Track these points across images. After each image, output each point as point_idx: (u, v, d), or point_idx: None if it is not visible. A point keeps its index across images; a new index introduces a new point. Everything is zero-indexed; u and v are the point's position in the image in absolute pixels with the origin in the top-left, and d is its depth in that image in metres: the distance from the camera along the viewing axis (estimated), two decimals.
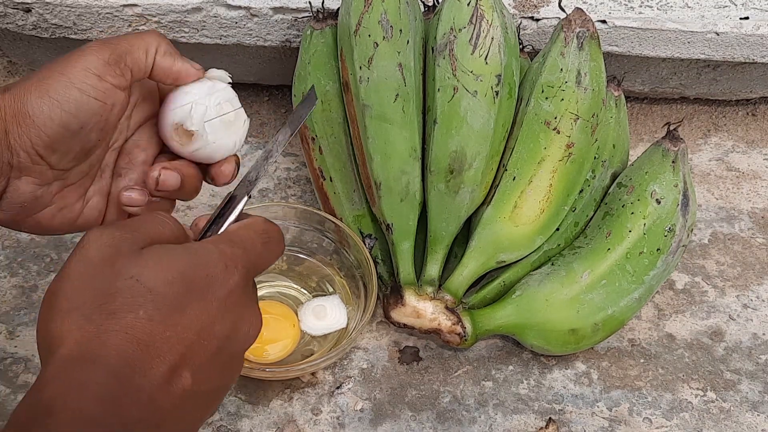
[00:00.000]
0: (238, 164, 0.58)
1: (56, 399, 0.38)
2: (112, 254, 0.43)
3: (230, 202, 0.51)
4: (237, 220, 0.51)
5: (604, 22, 0.78)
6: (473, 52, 0.67)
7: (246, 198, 0.52)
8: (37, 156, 0.50)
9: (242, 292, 0.45)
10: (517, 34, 0.73)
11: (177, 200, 0.58)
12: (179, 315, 0.42)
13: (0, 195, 0.51)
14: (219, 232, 0.49)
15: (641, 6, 0.79)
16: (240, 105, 0.56)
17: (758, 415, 0.69)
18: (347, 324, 0.70)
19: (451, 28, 0.67)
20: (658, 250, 0.69)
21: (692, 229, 0.71)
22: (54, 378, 0.39)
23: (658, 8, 0.79)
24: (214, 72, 0.56)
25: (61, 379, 0.39)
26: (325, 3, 0.75)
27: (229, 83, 0.56)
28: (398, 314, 0.68)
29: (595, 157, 0.72)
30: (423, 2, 0.76)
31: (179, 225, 0.47)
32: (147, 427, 0.40)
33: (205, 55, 0.80)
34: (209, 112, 0.54)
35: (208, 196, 0.81)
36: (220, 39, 0.78)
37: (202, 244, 0.46)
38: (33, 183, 0.51)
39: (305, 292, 0.73)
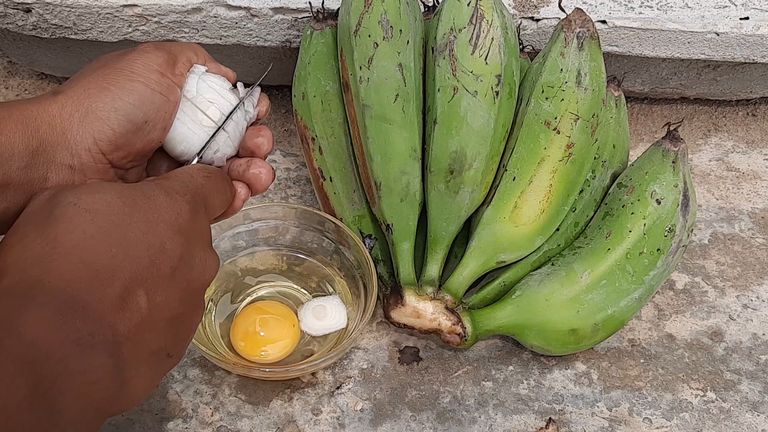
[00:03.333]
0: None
1: None
2: (54, 193, 0.42)
3: None
4: None
5: (604, 22, 0.78)
6: (473, 52, 0.67)
7: (196, 158, 0.54)
8: (99, 154, 0.50)
9: (190, 219, 0.44)
10: (517, 35, 0.73)
11: None
12: (123, 232, 0.41)
13: None
14: None
15: (641, 6, 0.79)
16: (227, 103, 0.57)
17: (758, 415, 0.69)
18: (347, 324, 0.70)
19: (451, 29, 0.67)
20: (658, 250, 0.69)
21: (692, 230, 0.71)
22: None
23: (658, 8, 0.79)
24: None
25: (2, 308, 0.37)
26: (325, 3, 0.75)
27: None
28: (398, 314, 0.68)
29: (595, 158, 0.72)
30: (423, 2, 0.76)
31: None
32: (101, 343, 0.39)
33: None
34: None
35: None
36: (220, 39, 0.78)
37: (145, 181, 0.45)
38: None
39: (305, 292, 0.73)
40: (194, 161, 0.55)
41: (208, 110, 0.55)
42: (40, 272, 0.39)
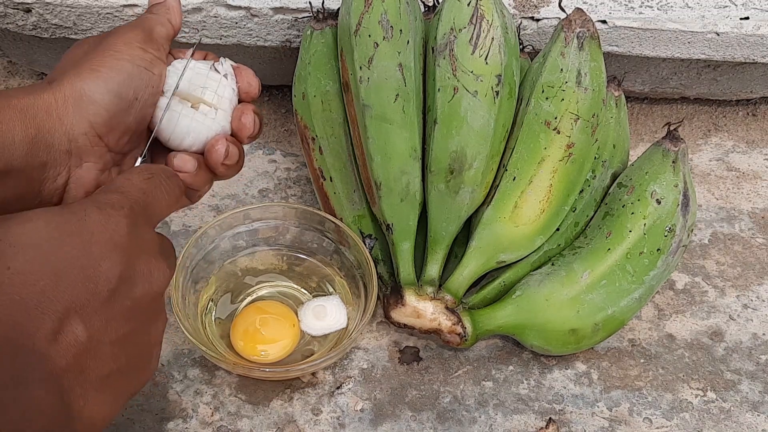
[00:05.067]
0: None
1: None
2: None
3: None
4: None
5: (604, 22, 0.78)
6: (473, 52, 0.67)
7: (139, 158, 0.54)
8: (96, 137, 0.51)
9: (130, 232, 0.43)
10: (517, 34, 0.73)
11: None
12: (52, 261, 0.39)
13: (63, 189, 0.51)
14: None
15: (641, 6, 0.79)
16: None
17: (758, 415, 0.69)
18: (347, 324, 0.70)
19: (451, 28, 0.67)
20: (658, 250, 0.69)
21: (692, 229, 0.71)
22: None
23: (658, 8, 0.79)
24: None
25: None
26: (325, 3, 0.75)
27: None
28: (398, 314, 0.68)
29: (595, 158, 0.72)
30: (423, 2, 0.76)
31: None
32: (36, 379, 0.38)
33: None
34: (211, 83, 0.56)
35: (208, 196, 0.81)
36: (220, 39, 0.78)
37: (76, 201, 0.44)
38: (94, 168, 0.52)
39: (305, 292, 0.73)
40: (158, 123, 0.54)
41: (204, 95, 0.56)
42: None
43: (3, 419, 0.37)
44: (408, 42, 0.69)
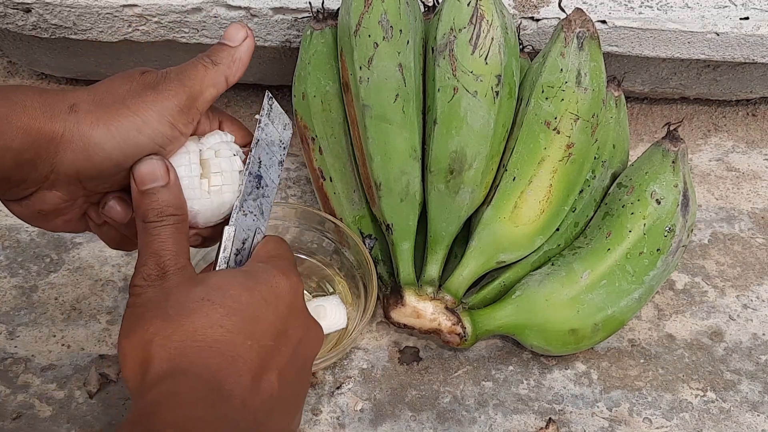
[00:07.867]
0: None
1: (155, 408, 0.41)
2: (170, 286, 0.47)
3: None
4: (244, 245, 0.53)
5: (604, 22, 0.78)
6: (473, 52, 0.67)
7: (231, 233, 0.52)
8: (77, 181, 0.50)
9: (302, 296, 0.49)
10: (517, 34, 0.73)
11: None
12: (254, 324, 0.46)
13: (26, 197, 0.51)
14: (245, 257, 0.52)
15: (641, 6, 0.79)
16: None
17: (758, 415, 0.69)
18: (347, 324, 0.70)
19: (451, 29, 0.67)
20: (658, 250, 0.69)
21: (692, 230, 0.71)
22: (153, 395, 0.43)
23: (658, 8, 0.79)
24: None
25: (158, 389, 0.42)
26: (325, 3, 0.75)
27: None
28: (398, 314, 0.68)
29: (595, 158, 0.72)
30: (423, 2, 0.76)
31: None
32: (245, 429, 0.43)
33: None
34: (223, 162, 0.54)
35: None
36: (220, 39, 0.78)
37: (255, 264, 0.50)
38: (60, 198, 0.51)
39: (305, 292, 0.73)
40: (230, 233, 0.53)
41: (212, 174, 0.53)
42: (188, 363, 0.44)
43: None
44: (408, 42, 0.69)
